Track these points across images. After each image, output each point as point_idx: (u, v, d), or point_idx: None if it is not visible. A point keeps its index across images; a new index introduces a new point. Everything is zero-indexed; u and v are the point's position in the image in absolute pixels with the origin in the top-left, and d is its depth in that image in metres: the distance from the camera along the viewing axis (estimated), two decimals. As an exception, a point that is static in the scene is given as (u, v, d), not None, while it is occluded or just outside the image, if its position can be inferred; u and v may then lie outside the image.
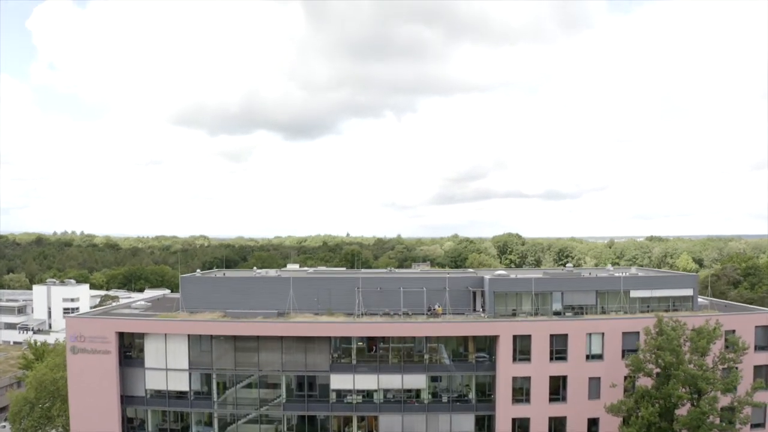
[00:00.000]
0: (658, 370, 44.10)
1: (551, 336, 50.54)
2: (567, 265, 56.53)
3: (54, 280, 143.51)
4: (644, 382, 45.62)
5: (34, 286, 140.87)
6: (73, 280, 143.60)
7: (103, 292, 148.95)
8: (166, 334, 53.10)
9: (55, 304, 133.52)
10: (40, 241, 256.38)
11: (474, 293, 56.68)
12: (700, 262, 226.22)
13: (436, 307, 54.82)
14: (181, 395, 53.96)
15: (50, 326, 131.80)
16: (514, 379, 50.70)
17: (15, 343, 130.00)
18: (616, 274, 59.98)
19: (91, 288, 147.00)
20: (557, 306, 54.53)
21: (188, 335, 53.06)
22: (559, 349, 50.76)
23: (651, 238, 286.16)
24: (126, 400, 54.04)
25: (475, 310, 56.30)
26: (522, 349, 50.78)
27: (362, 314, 54.55)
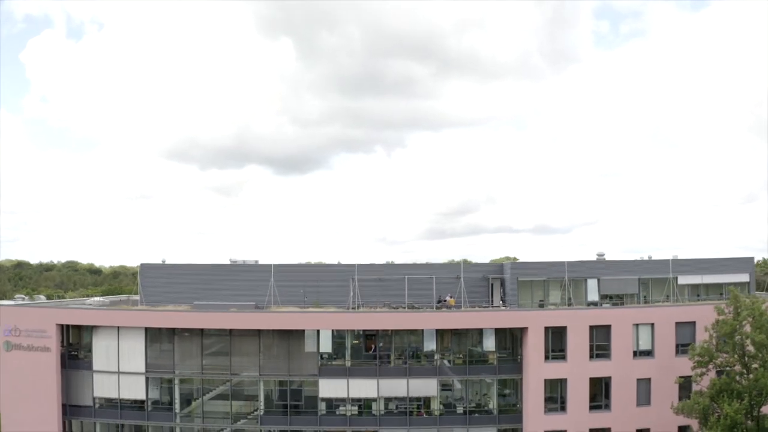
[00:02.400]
0: (732, 360, 35.10)
1: (591, 328, 41.26)
2: (599, 255, 47.75)
3: (23, 296, 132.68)
4: (705, 383, 36.40)
5: (0, 302, 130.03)
6: (42, 296, 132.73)
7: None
8: (118, 328, 43.40)
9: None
10: (20, 265, 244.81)
11: (491, 284, 47.58)
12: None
13: (448, 298, 45.58)
14: (136, 405, 44.06)
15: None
16: (547, 382, 41.19)
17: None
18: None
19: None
20: (593, 296, 45.51)
21: (146, 330, 43.41)
22: (600, 344, 41.47)
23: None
24: (69, 410, 44.06)
25: (492, 303, 47.14)
26: (555, 345, 41.46)
27: (358, 307, 45.25)
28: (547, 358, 41.08)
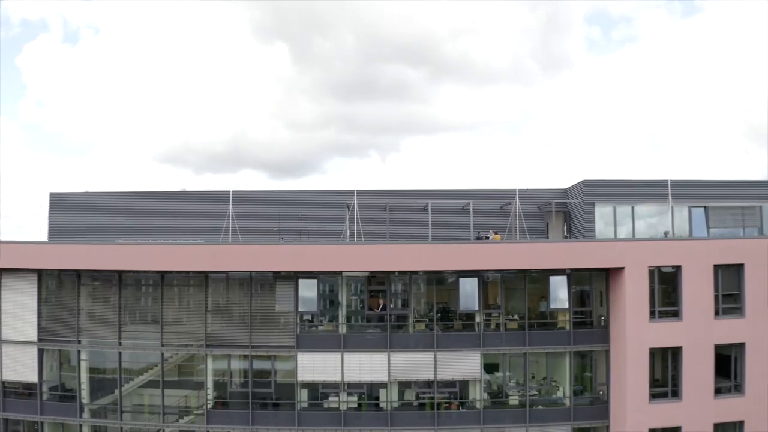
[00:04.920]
0: None
1: (716, 268, 26.91)
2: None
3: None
4: None
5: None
6: None
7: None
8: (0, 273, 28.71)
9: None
10: None
11: (548, 222, 33.41)
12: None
13: (492, 234, 31.22)
14: (26, 392, 29.29)
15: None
16: (652, 353, 26.73)
17: None
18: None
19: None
20: (698, 230, 31.42)
21: (39, 276, 28.73)
22: (727, 293, 27.12)
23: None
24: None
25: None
26: (663, 296, 27.12)
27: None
28: (652, 315, 26.63)
